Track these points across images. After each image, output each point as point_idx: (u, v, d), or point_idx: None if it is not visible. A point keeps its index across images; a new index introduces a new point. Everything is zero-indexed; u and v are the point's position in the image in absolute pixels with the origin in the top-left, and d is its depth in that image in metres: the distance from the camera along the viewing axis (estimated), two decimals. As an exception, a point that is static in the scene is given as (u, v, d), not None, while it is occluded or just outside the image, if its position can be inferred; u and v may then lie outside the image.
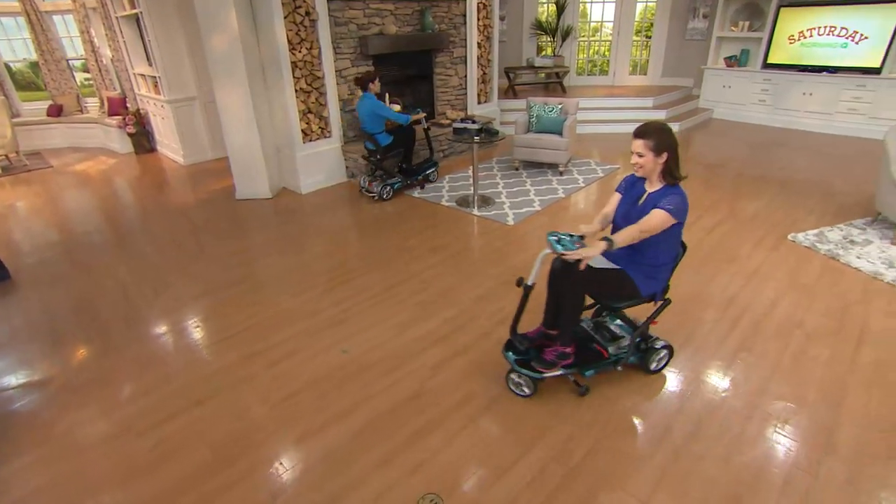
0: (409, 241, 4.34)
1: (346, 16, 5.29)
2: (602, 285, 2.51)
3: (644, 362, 2.71)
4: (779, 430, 2.37)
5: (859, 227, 4.45)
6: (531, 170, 6.10)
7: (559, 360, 2.53)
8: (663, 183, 2.37)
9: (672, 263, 2.51)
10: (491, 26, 6.96)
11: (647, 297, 2.53)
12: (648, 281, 2.48)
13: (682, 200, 2.28)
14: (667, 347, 2.72)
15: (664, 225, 2.25)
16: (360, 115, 5.10)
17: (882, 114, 7.23)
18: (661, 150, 2.28)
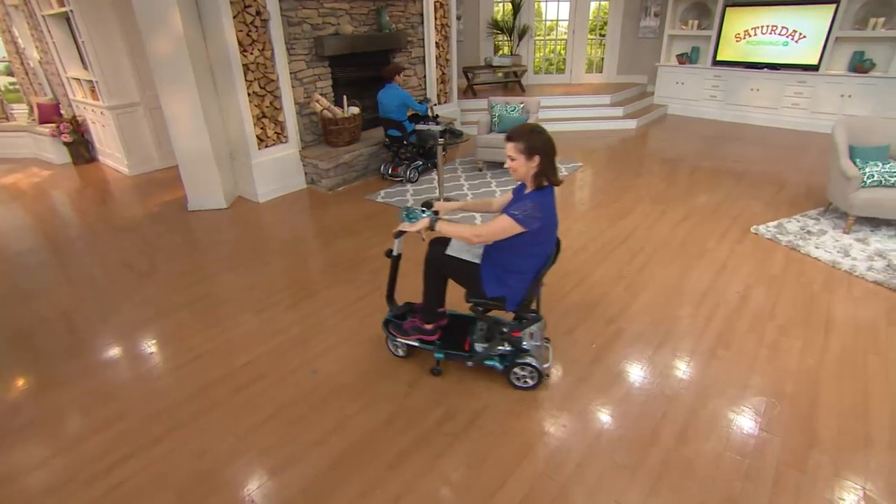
0: (372, 249, 4.17)
1: (299, 15, 5.06)
2: (454, 273, 2.55)
3: (507, 374, 2.61)
4: (763, 428, 2.36)
5: (813, 217, 4.59)
6: (495, 170, 6.04)
7: (413, 332, 2.70)
8: (534, 187, 2.26)
9: (529, 274, 2.35)
10: (448, 25, 6.87)
11: (492, 299, 2.43)
12: (496, 284, 2.40)
13: (535, 207, 2.15)
14: (535, 371, 2.53)
15: (507, 230, 2.16)
16: (384, 104, 5.46)
17: (821, 108, 7.59)
18: (532, 153, 2.16)
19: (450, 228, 2.28)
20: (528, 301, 2.43)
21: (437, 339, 2.71)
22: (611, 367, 2.77)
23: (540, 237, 2.26)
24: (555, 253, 2.43)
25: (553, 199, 2.29)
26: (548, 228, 2.27)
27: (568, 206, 4.95)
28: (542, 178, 2.22)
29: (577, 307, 3.31)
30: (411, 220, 2.40)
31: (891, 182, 4.18)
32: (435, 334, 2.70)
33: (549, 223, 2.26)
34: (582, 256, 3.95)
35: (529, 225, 2.15)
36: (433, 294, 2.64)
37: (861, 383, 2.65)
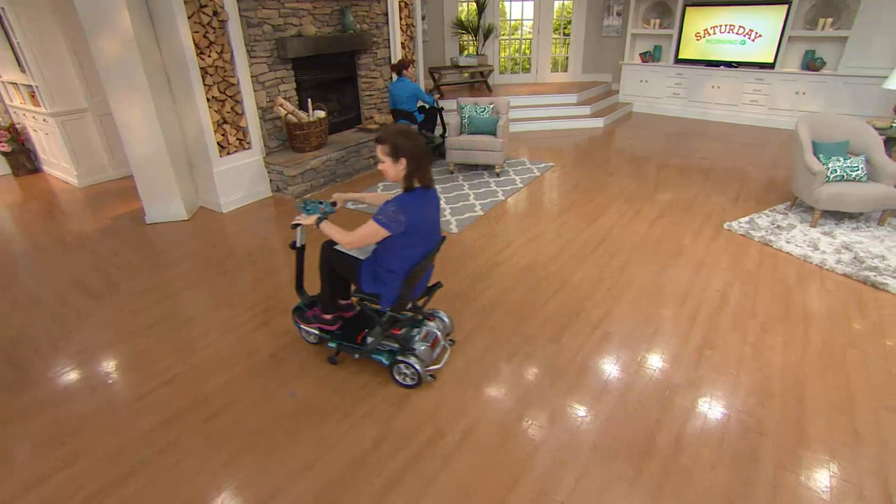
0: (350, 257, 4.01)
1: (259, 16, 4.83)
2: (340, 267, 2.60)
3: (391, 370, 2.66)
4: (756, 430, 2.34)
5: (781, 212, 4.69)
6: (467, 172, 5.95)
7: (314, 321, 2.78)
8: (404, 188, 2.27)
9: (400, 274, 2.37)
10: (414, 26, 6.73)
11: (368, 294, 2.50)
12: (372, 280, 2.46)
13: (397, 211, 2.18)
14: (415, 372, 2.55)
15: (373, 235, 2.24)
16: (395, 95, 5.91)
17: (778, 105, 7.84)
18: (398, 156, 2.19)
19: (329, 230, 2.36)
20: (403, 300, 2.45)
21: (338, 330, 2.77)
22: (600, 374, 2.71)
23: (414, 238, 2.30)
24: (433, 252, 2.46)
25: (427, 201, 2.31)
26: (419, 230, 2.30)
27: (543, 208, 4.90)
28: (412, 181, 2.24)
29: (560, 312, 3.24)
30: (308, 212, 2.49)
31: (852, 177, 4.30)
32: (335, 325, 2.76)
33: (418, 225, 2.27)
34: (560, 259, 3.90)
35: (394, 228, 2.20)
36: (328, 286, 2.71)
37: (843, 377, 2.68)
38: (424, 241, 2.37)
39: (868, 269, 3.68)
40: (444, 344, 2.78)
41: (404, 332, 2.64)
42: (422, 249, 2.37)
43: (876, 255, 3.88)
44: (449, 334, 2.88)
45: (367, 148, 5.95)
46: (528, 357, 2.84)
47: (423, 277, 2.53)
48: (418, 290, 2.55)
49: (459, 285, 3.57)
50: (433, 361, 2.64)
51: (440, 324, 2.79)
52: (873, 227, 4.36)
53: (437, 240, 2.50)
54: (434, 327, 2.72)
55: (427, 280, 2.66)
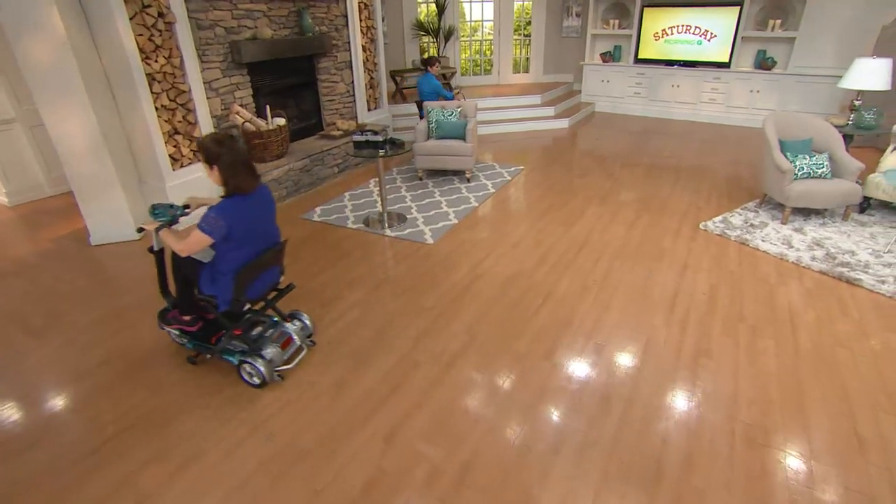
0: (319, 277, 3.75)
1: (210, 18, 4.49)
2: (185, 269, 2.62)
3: (238, 369, 2.68)
4: (763, 443, 2.27)
5: (752, 209, 4.74)
6: (436, 178, 5.77)
7: (174, 322, 2.79)
8: (225, 194, 2.33)
9: (230, 276, 2.41)
10: (374, 27, 6.50)
11: (207, 295, 2.54)
12: (209, 282, 2.51)
13: (216, 217, 2.23)
14: (258, 372, 2.57)
15: (200, 242, 2.28)
16: (420, 89, 6.31)
17: (735, 102, 8.05)
18: (210, 162, 2.26)
19: (166, 237, 2.42)
20: (238, 301, 2.48)
21: (199, 331, 2.78)
22: (598, 394, 2.57)
23: (241, 242, 2.37)
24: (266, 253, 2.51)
25: (250, 205, 2.36)
26: (244, 234, 2.35)
27: (519, 214, 4.77)
28: (230, 187, 2.29)
29: (550, 326, 3.11)
30: (155, 217, 2.53)
31: (818, 174, 4.38)
32: (194, 325, 2.77)
33: (241, 229, 2.33)
34: (543, 268, 3.77)
35: (216, 234, 2.26)
36: (181, 287, 2.72)
37: (837, 379, 2.66)
38: (250, 243, 2.42)
39: (841, 265, 3.73)
40: (302, 344, 2.82)
41: (257, 333, 2.73)
42: (248, 252, 2.42)
43: (846, 251, 3.95)
44: (310, 335, 2.94)
45: (331, 156, 5.67)
46: (522, 378, 2.68)
47: (258, 279, 2.55)
48: (254, 291, 2.58)
49: (440, 301, 3.38)
50: (284, 361, 2.70)
51: (299, 325, 2.86)
52: (839, 222, 4.45)
53: (270, 241, 2.57)
54: (290, 328, 2.77)
55: (270, 281, 2.70)
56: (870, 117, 4.92)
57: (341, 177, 5.88)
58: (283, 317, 2.87)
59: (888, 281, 3.54)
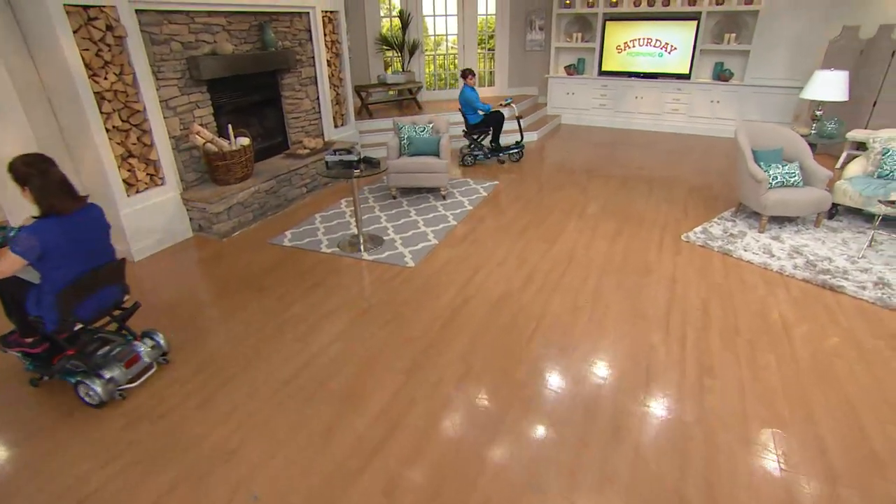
0: (292, 308, 3.47)
1: (165, 32, 4.18)
2: (12, 290, 2.56)
3: (75, 389, 2.62)
4: (784, 467, 2.17)
5: (729, 219, 4.77)
6: (410, 196, 5.58)
7: (14, 345, 2.70)
8: (41, 214, 2.32)
9: (52, 296, 2.38)
10: (339, 42, 6.29)
11: (35, 317, 2.47)
12: (35, 304, 2.46)
13: (27, 237, 2.22)
14: (95, 392, 2.53)
15: (13, 264, 2.23)
16: (460, 100, 6.56)
17: (697, 112, 8.25)
18: (21, 184, 2.26)
19: None
20: (66, 322, 2.46)
21: (43, 352, 2.69)
22: (608, 425, 2.43)
23: (59, 262, 2.33)
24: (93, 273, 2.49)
25: (69, 225, 2.34)
26: (63, 254, 2.33)
27: (499, 231, 4.64)
28: (43, 207, 2.28)
29: (547, 352, 2.95)
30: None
31: (791, 182, 4.45)
32: (37, 347, 2.69)
33: (59, 249, 2.30)
34: (531, 288, 3.63)
35: (29, 255, 2.23)
36: (11, 309, 2.65)
37: (841, 392, 2.62)
38: (73, 264, 2.39)
39: (822, 273, 3.76)
40: (151, 362, 2.80)
41: (104, 352, 2.69)
42: (71, 272, 2.38)
43: (823, 258, 4.00)
44: (165, 353, 2.90)
45: (298, 176, 5.40)
46: (525, 412, 2.50)
47: (88, 299, 2.52)
48: (85, 311, 2.55)
49: (429, 329, 3.18)
50: (129, 380, 2.66)
51: (151, 344, 2.82)
52: (812, 229, 4.52)
53: (99, 261, 2.54)
54: (139, 347, 2.76)
55: (108, 301, 2.68)
56: (832, 127, 5.07)
57: (310, 197, 5.61)
58: (133, 335, 2.83)
59: (868, 287, 3.58)
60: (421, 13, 8.72)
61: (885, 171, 4.54)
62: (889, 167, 4.52)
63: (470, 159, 6.81)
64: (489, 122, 6.67)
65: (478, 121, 6.64)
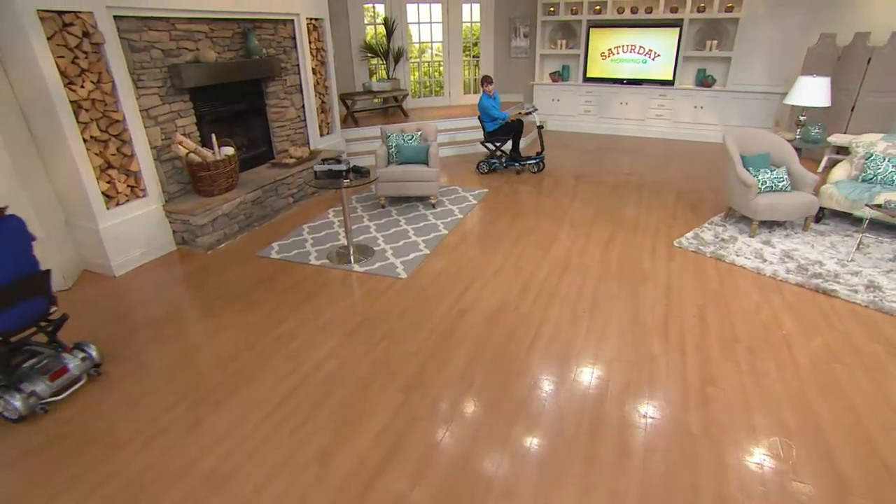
0: (286, 323, 3.36)
1: (145, 39, 4.05)
2: None
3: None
4: (794, 477, 2.13)
5: (719, 223, 4.79)
6: (399, 205, 5.49)
7: None
8: None
9: None
10: (325, 49, 6.20)
11: None
12: None
13: None
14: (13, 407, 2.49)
15: None
16: (478, 107, 6.47)
17: (680, 118, 8.34)
18: None
19: None
20: None
21: None
22: (615, 439, 2.37)
23: None
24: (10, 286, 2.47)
25: None
26: None
27: (492, 239, 4.58)
28: None
29: (549, 364, 2.89)
30: None
31: (779, 187, 4.48)
32: None
33: None
34: (528, 298, 3.57)
35: None
36: None
37: (844, 398, 2.60)
38: None
39: (814, 277, 3.78)
40: (80, 374, 2.76)
41: (29, 365, 2.64)
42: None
43: (814, 261, 4.02)
44: (97, 365, 2.87)
45: (285, 185, 5.28)
46: (531, 428, 2.43)
47: (7, 311, 2.48)
48: (5, 323, 2.51)
49: (426, 343, 3.09)
50: (53, 393, 2.62)
51: (82, 356, 2.77)
52: (800, 233, 4.56)
53: (11, 276, 2.48)
54: (67, 359, 2.71)
55: (30, 313, 2.63)
56: (816, 132, 5.14)
57: (297, 207, 5.49)
58: (62, 347, 2.79)
59: (860, 290, 3.60)
60: (405, 20, 8.67)
61: (869, 175, 4.61)
62: (872, 171, 4.59)
63: (484, 166, 6.66)
64: (507, 130, 6.50)
65: (494, 129, 6.48)
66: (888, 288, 3.62)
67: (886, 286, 3.64)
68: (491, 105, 6.34)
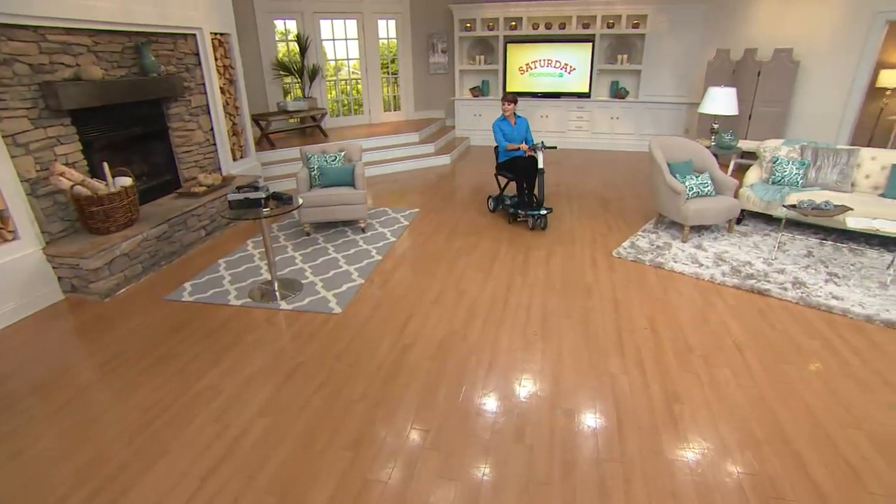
0: (205, 378, 2.87)
1: (5, 51, 3.41)
2: None
3: None
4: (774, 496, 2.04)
5: (652, 231, 4.87)
6: (326, 231, 5.10)
7: None
8: None
9: None
10: (233, 67, 5.71)
11: None
12: None
13: None
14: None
15: None
16: None
17: (598, 129, 8.63)
18: None
19: None
20: None
21: None
22: (592, 476, 2.17)
23: None
24: None
25: None
26: None
27: (430, 262, 4.33)
28: None
29: (507, 396, 2.66)
30: None
31: (705, 192, 4.62)
32: None
33: None
34: (476, 325, 3.34)
35: None
36: None
37: (799, 399, 2.61)
38: None
39: (748, 278, 3.88)
40: None
41: None
42: None
43: (744, 262, 4.15)
44: None
45: (195, 217, 4.72)
46: (501, 478, 2.17)
47: None
48: None
49: (371, 387, 2.76)
50: None
51: None
52: (726, 235, 4.73)
53: None
54: None
55: None
56: (729, 139, 5.41)
57: (211, 241, 4.93)
58: None
59: (788, 287, 3.73)
60: (319, 37, 8.32)
61: (777, 177, 4.90)
62: (780, 174, 4.88)
63: (491, 202, 5.52)
64: (511, 168, 5.09)
65: (501, 161, 5.31)
66: (811, 283, 3.78)
67: (809, 282, 3.80)
68: (497, 128, 5.14)
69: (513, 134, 5.21)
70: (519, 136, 5.23)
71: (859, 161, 4.77)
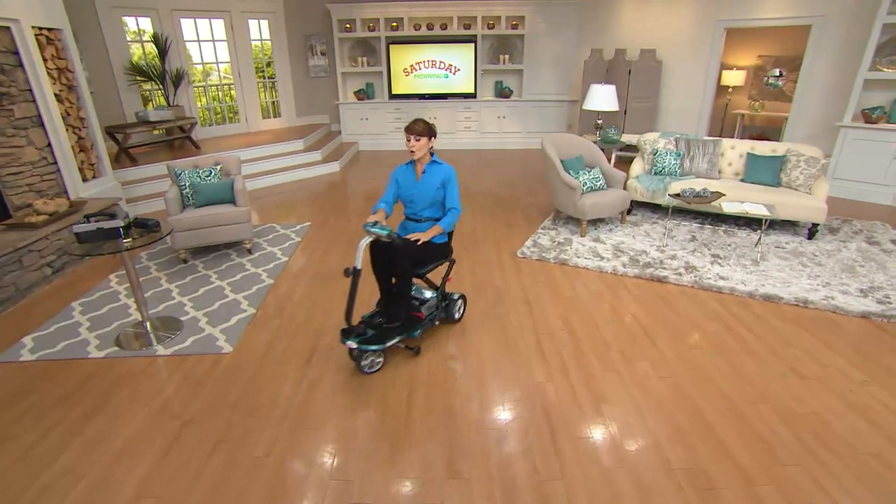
0: (62, 457, 2.27)
1: None
2: None
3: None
4: (707, 486, 2.04)
5: (550, 227, 4.93)
6: (206, 256, 4.49)
7: None
8: None
9: None
10: (71, 70, 4.81)
11: None
12: None
13: None
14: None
15: None
16: None
17: (486, 128, 8.74)
18: None
19: None
20: None
21: None
22: (535, 501, 2.02)
23: None
24: None
25: None
26: None
27: (330, 281, 3.96)
28: None
29: (435, 426, 2.43)
30: None
31: (597, 186, 4.77)
32: None
33: None
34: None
35: None
36: None
37: (711, 383, 2.71)
38: None
39: (646, 266, 4.04)
40: None
41: None
42: None
43: (640, 251, 4.33)
44: None
45: (34, 253, 3.87)
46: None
47: None
48: None
49: (279, 440, 2.37)
50: None
51: None
52: (619, 226, 4.94)
53: None
54: None
55: None
56: (613, 133, 5.68)
57: (60, 279, 4.09)
58: None
59: (682, 272, 3.94)
60: (181, 38, 7.44)
61: (659, 167, 5.22)
62: (661, 164, 5.20)
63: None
64: None
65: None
66: (700, 266, 4.03)
67: (698, 265, 4.05)
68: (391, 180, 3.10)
69: (411, 193, 3.02)
70: (423, 198, 3.01)
71: (722, 150, 5.24)
